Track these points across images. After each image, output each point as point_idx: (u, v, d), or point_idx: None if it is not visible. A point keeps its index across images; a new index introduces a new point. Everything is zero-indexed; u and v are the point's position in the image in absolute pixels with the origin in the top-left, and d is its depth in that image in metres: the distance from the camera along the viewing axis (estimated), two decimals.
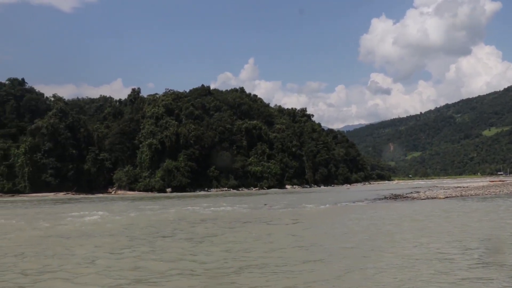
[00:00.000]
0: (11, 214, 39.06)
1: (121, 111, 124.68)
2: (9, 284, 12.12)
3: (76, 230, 24.81)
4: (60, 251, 17.13)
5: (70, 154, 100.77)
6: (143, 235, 22.18)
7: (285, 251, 16.25)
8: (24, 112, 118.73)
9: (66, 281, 12.29)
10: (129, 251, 16.86)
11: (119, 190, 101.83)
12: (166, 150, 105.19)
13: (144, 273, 13.10)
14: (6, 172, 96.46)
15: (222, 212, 36.07)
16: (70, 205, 54.30)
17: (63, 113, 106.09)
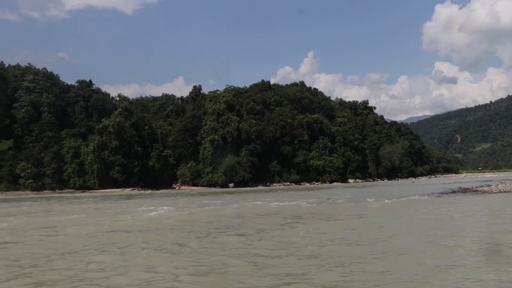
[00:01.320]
0: (82, 209, 40.48)
1: (183, 108, 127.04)
2: (80, 274, 12.32)
3: (143, 224, 25.24)
4: (130, 244, 17.38)
5: (136, 151, 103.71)
6: (207, 229, 22.22)
7: (354, 247, 15.70)
8: (92, 112, 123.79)
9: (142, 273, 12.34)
10: (195, 245, 16.87)
11: (182, 186, 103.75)
12: (228, 146, 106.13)
13: (213, 267, 12.99)
14: (77, 169, 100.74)
15: (286, 207, 35.74)
16: (137, 200, 55.70)
17: (128, 112, 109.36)
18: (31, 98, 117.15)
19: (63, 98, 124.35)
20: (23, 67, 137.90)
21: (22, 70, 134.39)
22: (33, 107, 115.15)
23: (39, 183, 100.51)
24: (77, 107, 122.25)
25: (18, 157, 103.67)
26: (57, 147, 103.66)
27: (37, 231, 23.98)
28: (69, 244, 18.79)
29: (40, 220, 30.42)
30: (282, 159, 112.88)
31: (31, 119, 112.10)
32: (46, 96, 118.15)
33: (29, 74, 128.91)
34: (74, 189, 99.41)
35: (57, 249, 17.29)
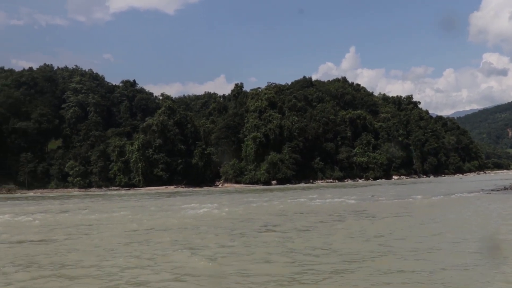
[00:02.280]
0: (127, 206, 41.15)
1: (225, 106, 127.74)
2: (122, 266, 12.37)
3: (188, 221, 25.35)
4: (176, 241, 17.43)
5: (179, 149, 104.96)
6: (250, 227, 22.09)
7: (398, 246, 15.20)
8: (136, 111, 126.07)
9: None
10: (239, 242, 16.75)
11: (225, 183, 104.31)
12: (271, 143, 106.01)
13: (253, 266, 12.82)
14: (123, 168, 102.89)
15: (329, 204, 35.29)
16: (181, 198, 56.30)
17: (171, 111, 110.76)
18: (78, 99, 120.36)
19: (108, 98, 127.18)
20: (70, 69, 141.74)
21: (69, 72, 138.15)
22: (80, 108, 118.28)
23: (87, 181, 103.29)
24: (122, 107, 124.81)
25: (66, 155, 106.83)
26: (103, 146, 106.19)
27: (81, 228, 24.44)
28: (108, 241, 19.00)
29: (88, 217, 31.03)
30: (325, 156, 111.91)
31: (78, 119, 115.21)
32: (92, 97, 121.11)
33: (76, 76, 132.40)
34: (119, 186, 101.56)
35: (101, 246, 17.51)
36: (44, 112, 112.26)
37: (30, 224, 27.01)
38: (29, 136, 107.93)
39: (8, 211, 38.18)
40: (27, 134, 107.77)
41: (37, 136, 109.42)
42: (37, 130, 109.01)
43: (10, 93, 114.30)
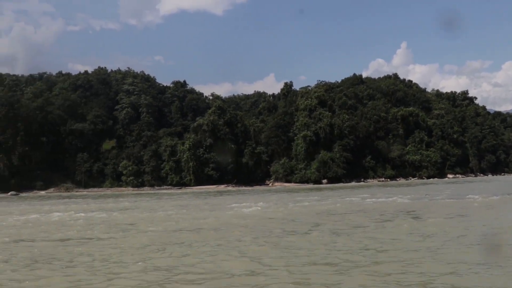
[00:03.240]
0: (180, 205, 41.59)
1: (275, 105, 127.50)
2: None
3: (237, 220, 25.27)
4: (227, 238, 17.33)
5: (229, 149, 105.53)
6: (301, 225, 21.76)
7: (451, 249, 14.49)
8: (187, 111, 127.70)
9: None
10: (294, 240, 16.47)
11: (276, 182, 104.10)
12: (321, 142, 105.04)
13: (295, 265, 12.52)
14: (174, 167, 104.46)
15: (381, 203, 34.46)
16: (231, 196, 56.51)
17: (221, 110, 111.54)
18: (130, 100, 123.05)
19: (160, 99, 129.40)
20: (123, 71, 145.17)
21: (122, 74, 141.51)
22: (133, 109, 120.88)
23: (139, 180, 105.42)
24: (173, 107, 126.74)
25: (120, 155, 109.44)
26: (155, 146, 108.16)
27: (130, 226, 24.75)
28: (161, 238, 19.10)
29: (141, 215, 31.48)
30: (376, 154, 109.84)
31: (131, 119, 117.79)
32: (144, 98, 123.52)
33: (128, 78, 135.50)
34: (171, 185, 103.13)
35: (169, 242, 17.59)
36: (99, 113, 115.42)
37: (84, 222, 27.62)
38: (85, 137, 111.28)
39: (63, 209, 39.37)
40: (83, 135, 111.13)
41: (92, 137, 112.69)
42: (92, 131, 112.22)
43: (67, 96, 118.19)
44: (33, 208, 42.69)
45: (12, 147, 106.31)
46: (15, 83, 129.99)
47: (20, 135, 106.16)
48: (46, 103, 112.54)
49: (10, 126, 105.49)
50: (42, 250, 16.77)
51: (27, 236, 21.26)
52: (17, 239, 20.18)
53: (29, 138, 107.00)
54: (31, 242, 19.27)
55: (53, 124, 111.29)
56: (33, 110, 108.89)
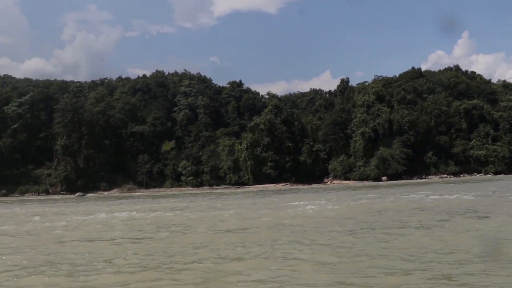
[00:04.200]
0: (239, 204, 41.72)
1: (331, 102, 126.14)
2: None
3: (299, 218, 24.97)
4: (288, 237, 17.09)
5: (287, 147, 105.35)
6: (361, 224, 21.19)
7: None
8: (243, 111, 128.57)
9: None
10: (353, 240, 16.01)
11: (334, 180, 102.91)
12: (380, 138, 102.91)
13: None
14: (232, 166, 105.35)
15: (445, 201, 33.13)
16: (290, 195, 56.20)
17: (278, 109, 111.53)
18: (188, 102, 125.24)
19: (216, 99, 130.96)
20: (180, 74, 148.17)
21: (179, 77, 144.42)
22: (190, 110, 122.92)
23: (198, 179, 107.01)
24: (230, 107, 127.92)
25: (179, 156, 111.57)
26: (213, 146, 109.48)
27: (186, 225, 24.88)
28: (222, 237, 19.04)
29: (204, 214, 31.73)
30: (438, 149, 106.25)
31: (189, 120, 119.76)
32: (201, 99, 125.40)
33: (185, 80, 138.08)
34: (230, 185, 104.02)
35: (203, 242, 17.53)
36: (158, 115, 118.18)
37: (140, 222, 28.10)
38: (145, 139, 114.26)
39: (127, 208, 40.35)
40: (143, 137, 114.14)
41: (152, 138, 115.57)
42: (152, 133, 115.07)
43: (127, 100, 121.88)
44: (98, 208, 44.04)
45: (77, 150, 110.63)
46: (79, 89, 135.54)
47: (85, 138, 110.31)
48: (107, 107, 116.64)
49: (75, 131, 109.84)
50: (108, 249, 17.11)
51: (97, 234, 21.80)
52: (92, 238, 20.72)
53: (93, 141, 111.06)
54: (108, 240, 19.72)
55: (114, 127, 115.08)
56: (96, 114, 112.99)
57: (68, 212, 40.22)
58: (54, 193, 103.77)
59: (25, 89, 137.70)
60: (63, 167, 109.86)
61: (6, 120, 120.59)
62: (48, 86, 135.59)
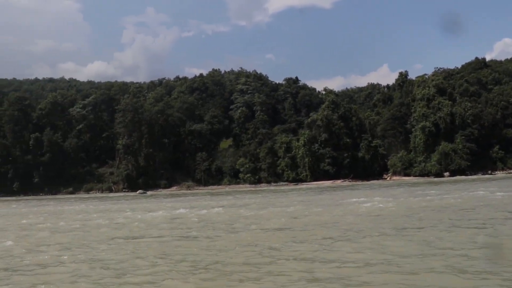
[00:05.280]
0: (298, 201, 41.41)
1: (390, 97, 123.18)
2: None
3: (358, 215, 24.44)
4: (343, 233, 16.71)
5: (345, 143, 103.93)
6: (420, 221, 20.41)
7: None
8: (300, 108, 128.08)
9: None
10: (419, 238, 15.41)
11: (394, 176, 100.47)
12: (441, 132, 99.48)
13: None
14: (290, 163, 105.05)
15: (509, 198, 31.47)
16: (349, 191, 55.31)
17: (335, 105, 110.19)
18: (245, 99, 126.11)
19: (273, 96, 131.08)
20: (236, 72, 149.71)
21: (235, 75, 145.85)
22: (247, 107, 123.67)
23: (256, 177, 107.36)
24: (286, 104, 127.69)
25: (237, 153, 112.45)
26: (271, 143, 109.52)
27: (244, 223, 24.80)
28: (296, 234, 18.80)
29: (260, 212, 31.67)
30: (505, 143, 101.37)
31: (246, 118, 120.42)
32: (257, 96, 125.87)
33: (241, 78, 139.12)
34: (287, 181, 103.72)
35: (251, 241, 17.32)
36: (215, 114, 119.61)
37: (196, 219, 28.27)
38: (203, 137, 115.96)
39: (186, 205, 40.91)
40: (201, 135, 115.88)
41: (210, 136, 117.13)
42: (209, 131, 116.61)
43: (185, 99, 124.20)
44: (158, 205, 44.96)
45: (138, 149, 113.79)
46: (138, 90, 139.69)
47: (145, 137, 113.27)
48: (166, 106, 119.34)
49: (135, 130, 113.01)
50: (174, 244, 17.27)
51: (163, 231, 22.15)
52: (163, 234, 21.06)
53: (152, 140, 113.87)
54: (171, 238, 19.97)
55: (173, 126, 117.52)
56: (155, 114, 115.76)
57: (131, 208, 41.26)
58: (116, 191, 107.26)
59: (88, 91, 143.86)
60: (125, 165, 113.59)
61: (72, 122, 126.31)
62: (110, 87, 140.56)
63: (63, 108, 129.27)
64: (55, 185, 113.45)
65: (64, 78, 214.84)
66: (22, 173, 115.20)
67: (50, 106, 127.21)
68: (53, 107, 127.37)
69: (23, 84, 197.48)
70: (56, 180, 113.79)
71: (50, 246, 18.69)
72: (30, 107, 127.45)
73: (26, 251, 17.66)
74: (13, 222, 32.94)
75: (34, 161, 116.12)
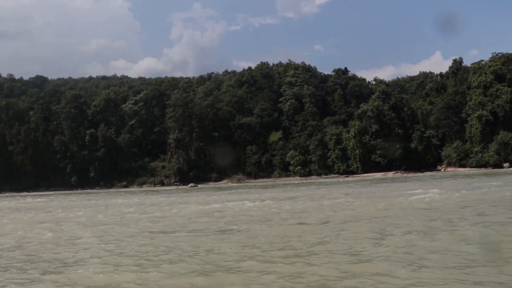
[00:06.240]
0: (347, 193, 40.71)
1: (443, 85, 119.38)
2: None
3: (412, 208, 23.71)
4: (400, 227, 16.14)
5: (396, 134, 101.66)
6: (482, 215, 19.44)
7: None
8: (350, 99, 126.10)
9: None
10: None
11: (448, 167, 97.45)
12: (500, 121, 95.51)
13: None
14: (341, 155, 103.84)
15: None
16: (401, 183, 54.02)
17: (386, 95, 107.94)
18: (293, 91, 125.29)
19: (322, 88, 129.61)
20: (284, 64, 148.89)
21: (283, 67, 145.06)
22: (296, 100, 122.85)
23: (306, 169, 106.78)
24: (336, 95, 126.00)
25: (287, 146, 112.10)
26: (321, 135, 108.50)
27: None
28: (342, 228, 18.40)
29: (311, 204, 31.32)
30: None
31: (295, 110, 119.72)
32: (306, 88, 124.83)
33: (290, 70, 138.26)
34: (338, 174, 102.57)
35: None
36: (264, 107, 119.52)
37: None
38: (252, 130, 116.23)
39: (239, 198, 40.96)
40: (250, 129, 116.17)
41: (259, 129, 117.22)
42: (259, 124, 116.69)
43: (234, 92, 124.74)
44: (212, 198, 45.27)
45: (189, 143, 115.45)
46: (188, 85, 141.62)
47: (195, 131, 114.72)
48: (215, 100, 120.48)
49: (186, 124, 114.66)
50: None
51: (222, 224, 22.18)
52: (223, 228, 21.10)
53: (203, 134, 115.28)
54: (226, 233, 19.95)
55: (223, 119, 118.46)
56: (205, 108, 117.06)
57: (187, 201, 41.73)
58: (168, 184, 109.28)
59: (139, 88, 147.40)
60: (176, 159, 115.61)
61: (124, 117, 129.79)
62: (160, 83, 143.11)
63: (116, 105, 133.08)
64: (110, 179, 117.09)
65: (116, 75, 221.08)
66: (79, 168, 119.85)
67: (104, 102, 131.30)
68: (107, 103, 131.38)
69: (78, 83, 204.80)
70: (111, 174, 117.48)
71: (82, 239, 18.92)
72: (85, 104, 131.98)
73: (63, 242, 18.08)
74: (56, 215, 33.87)
75: (90, 156, 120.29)
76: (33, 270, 12.83)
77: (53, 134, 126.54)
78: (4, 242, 18.85)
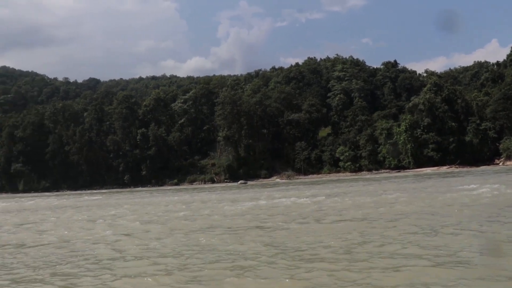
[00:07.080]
0: (402, 188, 39.85)
1: (500, 75, 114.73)
2: None
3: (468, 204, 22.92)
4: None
5: (450, 127, 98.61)
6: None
7: None
8: (400, 92, 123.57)
9: None
10: None
11: (507, 161, 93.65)
12: None
13: None
14: (391, 150, 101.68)
15: None
16: (456, 178, 52.45)
17: (438, 87, 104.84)
18: (342, 86, 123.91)
19: (371, 81, 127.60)
20: (332, 59, 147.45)
21: (331, 62, 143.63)
22: (345, 94, 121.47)
23: (357, 165, 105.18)
24: (385, 89, 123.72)
25: (336, 142, 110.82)
26: (371, 130, 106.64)
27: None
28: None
29: (367, 199, 30.85)
30: None
31: (344, 105, 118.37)
32: (355, 82, 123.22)
33: (338, 64, 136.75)
34: (389, 169, 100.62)
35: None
36: (313, 102, 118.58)
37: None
38: (301, 126, 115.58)
39: (293, 194, 40.79)
40: (299, 125, 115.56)
41: (308, 125, 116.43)
42: (308, 120, 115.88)
43: (282, 89, 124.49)
44: (262, 194, 45.32)
45: (238, 140, 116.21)
46: (236, 83, 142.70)
47: (244, 129, 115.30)
48: (263, 97, 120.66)
49: (235, 122, 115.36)
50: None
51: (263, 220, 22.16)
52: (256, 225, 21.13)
53: (251, 131, 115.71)
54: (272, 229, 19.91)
55: (271, 116, 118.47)
56: (253, 105, 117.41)
57: (229, 199, 41.97)
58: (218, 181, 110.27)
59: (188, 87, 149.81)
60: (226, 156, 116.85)
61: (174, 116, 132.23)
62: (208, 81, 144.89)
63: (166, 104, 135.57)
64: (161, 177, 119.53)
65: (165, 75, 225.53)
66: (132, 166, 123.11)
67: (154, 102, 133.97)
68: (157, 103, 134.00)
69: (129, 83, 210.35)
70: (162, 172, 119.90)
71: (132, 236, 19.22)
72: (136, 104, 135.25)
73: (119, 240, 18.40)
74: (105, 212, 34.67)
75: (141, 154, 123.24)
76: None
77: (106, 134, 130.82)
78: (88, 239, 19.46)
